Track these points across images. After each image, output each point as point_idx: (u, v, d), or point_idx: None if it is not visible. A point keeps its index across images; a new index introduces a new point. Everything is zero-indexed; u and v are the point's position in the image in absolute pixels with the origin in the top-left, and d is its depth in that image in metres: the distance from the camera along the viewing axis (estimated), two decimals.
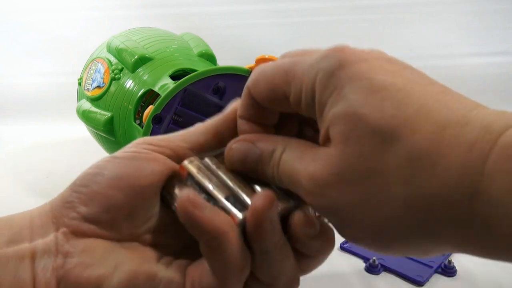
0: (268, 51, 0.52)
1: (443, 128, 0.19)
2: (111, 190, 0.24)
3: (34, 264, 0.24)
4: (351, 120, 0.20)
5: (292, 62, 0.23)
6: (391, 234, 0.20)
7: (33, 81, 1.02)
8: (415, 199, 0.19)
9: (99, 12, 0.99)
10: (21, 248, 0.24)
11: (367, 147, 0.20)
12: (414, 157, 0.19)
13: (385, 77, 0.21)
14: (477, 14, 0.94)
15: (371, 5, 0.95)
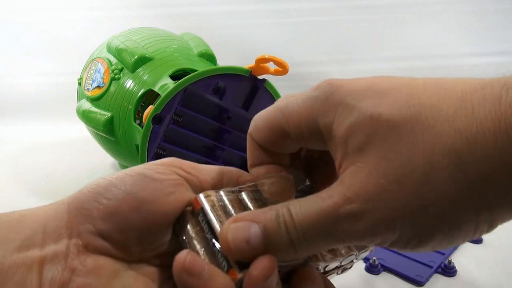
0: (268, 51, 0.52)
1: (464, 99, 0.18)
2: (132, 211, 0.24)
3: (42, 275, 0.23)
4: (371, 124, 0.19)
5: (286, 102, 0.23)
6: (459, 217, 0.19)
7: (33, 81, 1.02)
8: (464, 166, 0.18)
9: (99, 12, 0.99)
10: (31, 255, 0.23)
11: (398, 142, 0.19)
12: (446, 130, 0.18)
13: (383, 82, 0.21)
14: (477, 14, 0.94)
15: (371, 5, 0.95)
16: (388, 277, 0.40)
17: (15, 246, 0.23)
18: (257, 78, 0.49)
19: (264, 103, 0.51)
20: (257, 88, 0.50)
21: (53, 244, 0.24)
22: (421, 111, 0.19)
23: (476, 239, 0.45)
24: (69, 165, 0.74)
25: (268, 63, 0.48)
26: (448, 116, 0.18)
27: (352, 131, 0.20)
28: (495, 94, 0.18)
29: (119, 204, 0.24)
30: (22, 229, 0.24)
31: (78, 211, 0.24)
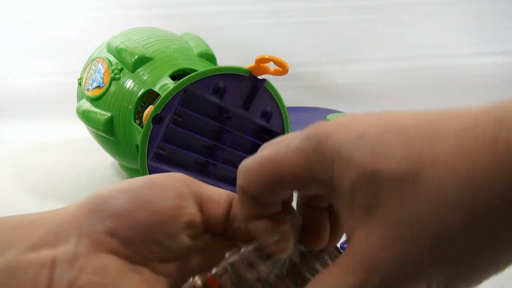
0: (268, 51, 0.52)
1: (459, 141, 0.18)
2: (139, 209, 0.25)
3: (53, 274, 0.24)
4: (373, 183, 0.19)
5: (275, 151, 0.23)
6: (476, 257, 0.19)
7: (33, 81, 1.02)
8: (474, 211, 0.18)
9: (99, 12, 0.99)
10: (43, 255, 0.24)
11: (404, 200, 0.18)
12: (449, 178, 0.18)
13: (373, 127, 0.20)
14: (477, 14, 0.94)
15: (371, 5, 0.95)
16: None
17: (28, 245, 0.24)
18: (257, 78, 0.49)
19: (264, 103, 0.51)
20: (257, 88, 0.50)
21: (64, 244, 0.25)
22: (420, 161, 0.18)
23: None
24: (69, 165, 0.74)
25: (268, 63, 0.48)
26: (447, 164, 0.18)
27: (356, 189, 0.19)
28: (488, 133, 0.18)
29: (127, 203, 0.25)
30: (35, 230, 0.25)
31: (91, 212, 0.25)
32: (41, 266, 0.24)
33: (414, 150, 0.19)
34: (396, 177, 0.18)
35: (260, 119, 0.51)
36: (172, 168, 0.48)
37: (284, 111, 0.52)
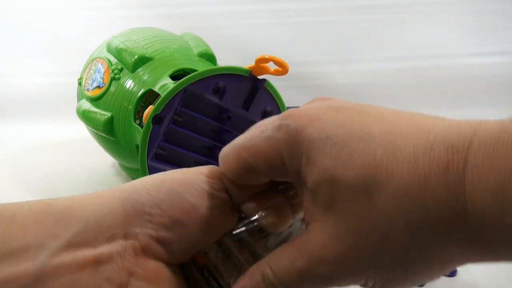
0: (268, 51, 0.52)
1: (415, 161, 0.19)
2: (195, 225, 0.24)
3: (96, 274, 0.22)
4: (332, 186, 0.20)
5: (249, 139, 0.24)
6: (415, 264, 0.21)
7: (33, 81, 1.02)
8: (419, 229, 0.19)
9: (99, 12, 0.99)
10: (82, 254, 0.22)
11: (356, 207, 0.20)
12: (400, 195, 0.19)
13: (341, 129, 0.21)
14: (477, 14, 0.94)
15: (371, 5, 0.95)
16: None
17: (62, 243, 0.22)
18: (257, 78, 0.49)
19: (264, 103, 0.51)
20: (257, 88, 0.50)
21: (107, 243, 0.23)
22: (376, 174, 0.19)
23: None
24: (69, 165, 0.74)
25: (268, 63, 0.48)
26: (401, 183, 0.19)
27: (317, 189, 0.21)
28: (442, 159, 0.18)
29: (183, 216, 0.24)
30: (69, 224, 0.23)
31: (138, 213, 0.24)
32: (80, 267, 0.22)
33: (372, 163, 0.20)
34: (351, 185, 0.20)
35: (260, 119, 0.51)
36: (172, 168, 0.48)
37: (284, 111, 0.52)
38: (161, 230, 0.24)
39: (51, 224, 0.22)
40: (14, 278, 0.21)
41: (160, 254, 0.24)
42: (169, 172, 0.26)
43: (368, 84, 0.94)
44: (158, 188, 0.24)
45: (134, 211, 0.24)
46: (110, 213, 0.24)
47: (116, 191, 0.25)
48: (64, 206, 0.23)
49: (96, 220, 0.23)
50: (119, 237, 0.23)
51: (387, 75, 0.94)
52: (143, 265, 0.23)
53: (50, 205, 0.23)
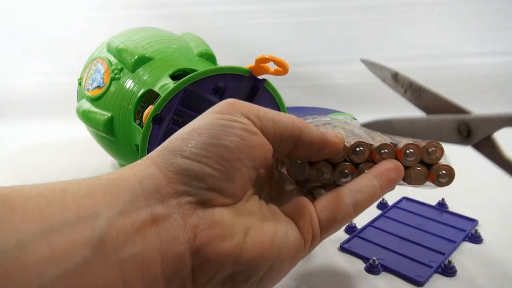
0: (268, 51, 0.52)
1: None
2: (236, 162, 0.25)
3: (158, 234, 0.23)
4: None
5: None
6: None
7: (33, 81, 1.02)
8: None
9: (99, 12, 0.99)
10: (140, 218, 0.23)
11: None
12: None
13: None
14: (477, 14, 0.94)
15: (371, 5, 0.95)
16: (388, 277, 0.40)
17: (116, 211, 0.22)
18: (257, 78, 0.49)
19: (264, 103, 0.51)
20: (257, 88, 0.50)
21: (160, 204, 0.24)
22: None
23: (476, 239, 0.45)
24: (69, 165, 0.74)
25: (268, 63, 0.48)
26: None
27: None
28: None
29: (219, 159, 0.25)
30: (118, 193, 0.23)
31: (178, 173, 0.24)
32: (140, 230, 0.22)
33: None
34: None
35: None
36: None
37: (284, 111, 0.52)
38: (209, 180, 0.24)
39: (102, 195, 0.23)
40: (73, 247, 0.20)
41: (218, 200, 0.25)
42: (184, 128, 0.27)
43: (368, 84, 0.94)
44: (185, 145, 0.25)
45: (174, 172, 0.24)
46: (151, 177, 0.24)
47: (147, 160, 0.26)
48: (109, 179, 0.24)
49: (141, 185, 0.24)
50: (170, 195, 0.24)
51: None
52: (203, 215, 0.24)
53: (97, 180, 0.24)
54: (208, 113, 0.28)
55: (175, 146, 0.25)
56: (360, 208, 0.30)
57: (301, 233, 0.28)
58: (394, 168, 0.31)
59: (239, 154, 0.25)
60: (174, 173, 0.24)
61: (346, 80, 0.96)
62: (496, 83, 0.93)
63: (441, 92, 0.28)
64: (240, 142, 0.26)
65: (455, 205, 0.52)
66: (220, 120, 0.27)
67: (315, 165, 0.32)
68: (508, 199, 0.55)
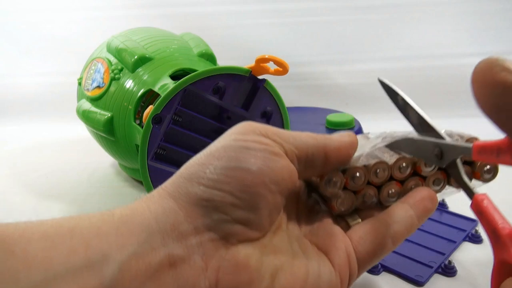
0: (268, 51, 0.52)
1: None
2: (259, 186, 0.22)
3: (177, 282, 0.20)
4: None
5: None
6: None
7: (33, 81, 1.02)
8: None
9: (99, 12, 0.99)
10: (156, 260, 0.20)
11: None
12: None
13: None
14: (477, 14, 0.94)
15: (371, 5, 0.95)
16: (388, 277, 0.40)
17: (129, 254, 0.20)
18: (257, 78, 0.49)
19: (264, 103, 0.51)
20: (257, 88, 0.50)
21: (178, 243, 0.21)
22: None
23: (476, 239, 0.45)
24: (69, 165, 0.74)
25: (268, 63, 0.48)
26: None
27: None
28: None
29: (240, 185, 0.22)
30: (132, 232, 0.21)
31: (196, 205, 0.22)
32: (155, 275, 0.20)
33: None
34: None
35: (260, 119, 0.51)
36: (172, 168, 0.48)
37: (284, 111, 0.52)
38: (231, 210, 0.22)
39: (114, 234, 0.20)
40: None
41: (243, 234, 0.22)
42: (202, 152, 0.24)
43: (368, 84, 0.94)
44: (203, 172, 0.22)
45: (192, 204, 0.22)
46: (167, 212, 0.22)
47: (162, 191, 0.23)
48: (122, 215, 0.22)
49: (157, 222, 0.21)
50: (189, 233, 0.21)
51: (387, 75, 0.94)
52: (227, 255, 0.22)
53: (109, 215, 0.22)
54: (225, 135, 0.25)
55: (191, 173, 0.23)
56: (398, 240, 0.27)
57: (336, 270, 0.25)
58: (429, 197, 0.28)
59: (263, 178, 0.23)
60: (192, 205, 0.22)
61: (346, 80, 0.96)
62: None
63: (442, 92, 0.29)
64: (263, 164, 0.23)
65: (455, 205, 0.52)
66: (239, 142, 0.24)
67: (359, 192, 0.30)
68: (508, 199, 0.55)
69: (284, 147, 0.25)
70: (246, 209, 0.22)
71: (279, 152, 0.24)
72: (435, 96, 0.93)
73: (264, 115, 0.51)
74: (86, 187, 0.66)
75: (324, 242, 0.26)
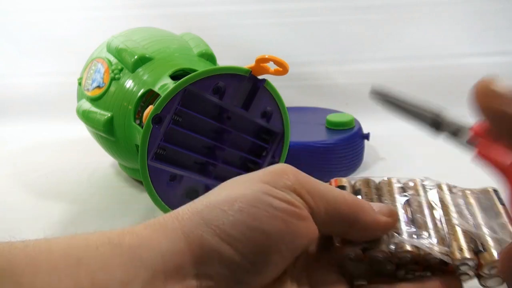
0: (268, 51, 0.52)
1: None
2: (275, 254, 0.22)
3: None
4: None
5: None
6: None
7: (33, 81, 1.02)
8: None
9: (99, 12, 0.99)
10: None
11: None
12: None
13: None
14: (477, 14, 0.94)
15: (371, 5, 0.95)
16: None
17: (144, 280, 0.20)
18: (257, 78, 0.49)
19: (264, 103, 0.51)
20: (257, 88, 0.50)
21: (178, 284, 0.21)
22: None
23: None
24: (69, 165, 0.74)
25: (268, 63, 0.48)
26: None
27: None
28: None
29: (257, 249, 0.22)
30: (137, 269, 0.21)
31: (205, 251, 0.22)
32: None
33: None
34: None
35: (260, 119, 0.51)
36: (172, 168, 0.48)
37: (284, 111, 0.52)
38: (236, 270, 0.22)
39: (119, 270, 0.20)
40: None
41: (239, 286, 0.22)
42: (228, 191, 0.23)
43: (368, 84, 0.94)
44: (222, 220, 0.22)
45: (201, 249, 0.22)
46: (175, 251, 0.22)
47: (176, 223, 0.22)
48: (130, 246, 0.21)
49: (163, 261, 0.21)
50: (191, 276, 0.21)
51: (387, 75, 0.94)
52: None
53: (117, 246, 0.21)
54: (256, 180, 0.24)
55: (211, 218, 0.22)
56: None
57: None
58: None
59: (280, 244, 0.22)
60: (201, 251, 0.22)
61: (346, 80, 0.96)
62: None
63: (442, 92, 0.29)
64: (283, 229, 0.22)
65: None
66: (266, 196, 0.23)
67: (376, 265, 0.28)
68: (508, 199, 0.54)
69: (314, 206, 0.24)
70: (252, 272, 0.22)
71: (305, 215, 0.23)
72: (435, 96, 0.92)
73: (264, 115, 0.51)
74: (86, 187, 0.66)
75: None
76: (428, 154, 0.71)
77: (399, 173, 0.65)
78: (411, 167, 0.68)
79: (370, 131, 0.67)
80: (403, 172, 0.66)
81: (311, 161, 0.61)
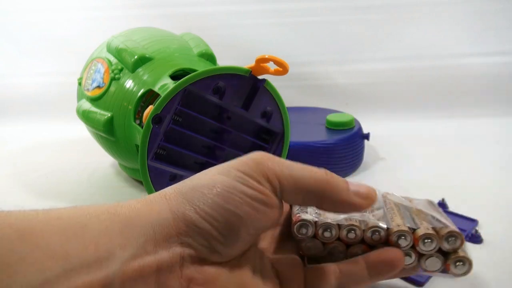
0: (268, 51, 0.52)
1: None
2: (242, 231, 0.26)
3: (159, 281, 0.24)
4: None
5: None
6: None
7: (33, 81, 1.02)
8: None
9: (99, 12, 0.99)
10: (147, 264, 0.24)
11: None
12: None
13: None
14: (477, 14, 0.94)
15: (371, 5, 0.95)
16: None
17: (130, 254, 0.24)
18: (257, 78, 0.49)
19: (264, 103, 0.51)
20: (257, 88, 0.50)
21: (165, 251, 0.25)
22: None
23: (476, 239, 0.45)
24: (69, 165, 0.74)
25: (268, 63, 0.48)
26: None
27: None
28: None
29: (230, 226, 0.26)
30: (133, 234, 0.25)
31: (188, 226, 0.26)
32: (146, 276, 0.24)
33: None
34: None
35: (260, 119, 0.51)
36: (172, 168, 0.48)
37: (284, 111, 0.52)
38: (212, 241, 0.26)
39: (118, 235, 0.24)
40: (89, 286, 0.22)
41: (215, 259, 0.27)
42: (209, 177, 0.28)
43: (368, 84, 0.94)
44: (202, 201, 0.26)
45: (184, 223, 0.26)
46: (163, 224, 0.26)
47: (164, 200, 0.27)
48: (126, 216, 0.25)
49: (154, 231, 0.25)
50: (176, 245, 0.25)
51: (387, 75, 0.94)
52: (200, 271, 0.26)
53: (115, 215, 0.25)
54: (234, 168, 0.28)
55: (192, 197, 0.26)
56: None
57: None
58: (390, 262, 0.30)
59: (249, 225, 0.27)
60: (184, 224, 0.26)
61: (346, 80, 0.96)
62: (496, 83, 0.93)
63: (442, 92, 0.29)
64: (252, 214, 0.26)
65: (455, 205, 0.52)
66: (239, 184, 0.27)
67: (328, 244, 0.32)
68: (508, 199, 0.55)
69: (282, 190, 0.28)
70: (225, 244, 0.26)
71: (273, 203, 0.27)
72: (435, 96, 0.93)
73: (264, 115, 0.51)
74: (86, 187, 0.66)
75: (283, 271, 0.30)
76: (428, 154, 0.71)
77: (399, 173, 0.65)
78: (411, 167, 0.68)
79: (370, 131, 0.67)
80: (403, 172, 0.66)
81: (311, 161, 0.61)
